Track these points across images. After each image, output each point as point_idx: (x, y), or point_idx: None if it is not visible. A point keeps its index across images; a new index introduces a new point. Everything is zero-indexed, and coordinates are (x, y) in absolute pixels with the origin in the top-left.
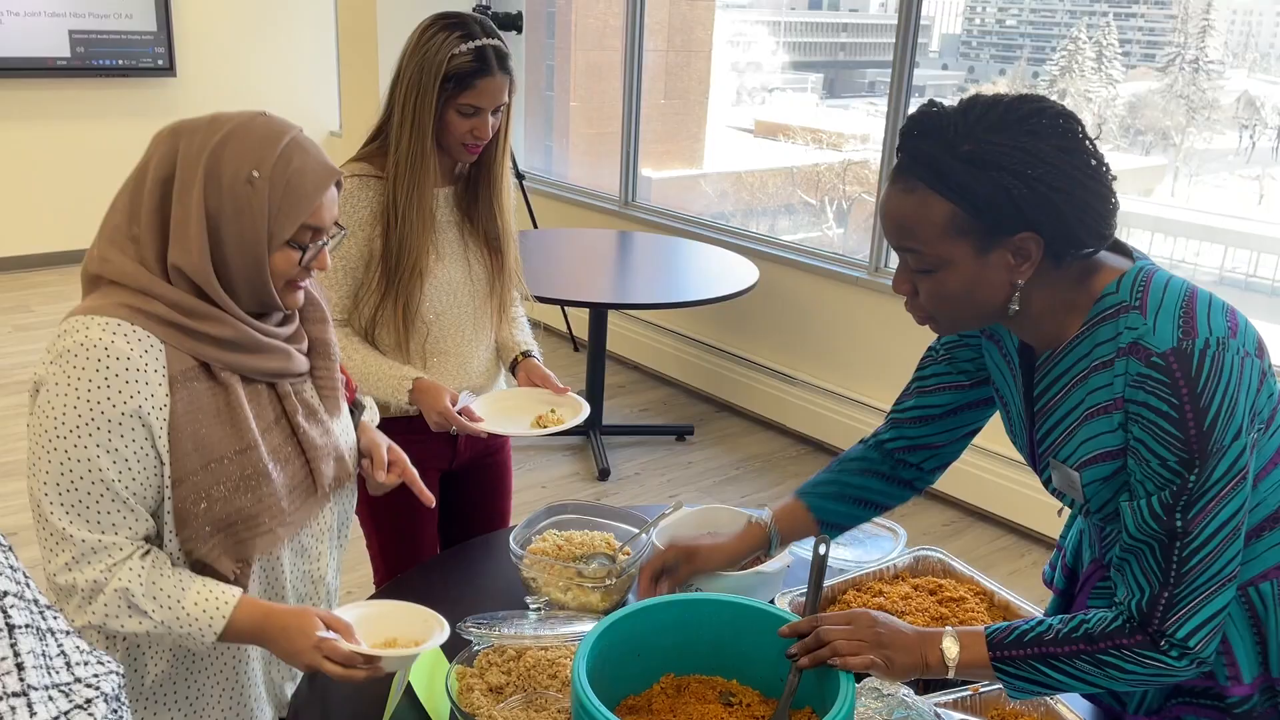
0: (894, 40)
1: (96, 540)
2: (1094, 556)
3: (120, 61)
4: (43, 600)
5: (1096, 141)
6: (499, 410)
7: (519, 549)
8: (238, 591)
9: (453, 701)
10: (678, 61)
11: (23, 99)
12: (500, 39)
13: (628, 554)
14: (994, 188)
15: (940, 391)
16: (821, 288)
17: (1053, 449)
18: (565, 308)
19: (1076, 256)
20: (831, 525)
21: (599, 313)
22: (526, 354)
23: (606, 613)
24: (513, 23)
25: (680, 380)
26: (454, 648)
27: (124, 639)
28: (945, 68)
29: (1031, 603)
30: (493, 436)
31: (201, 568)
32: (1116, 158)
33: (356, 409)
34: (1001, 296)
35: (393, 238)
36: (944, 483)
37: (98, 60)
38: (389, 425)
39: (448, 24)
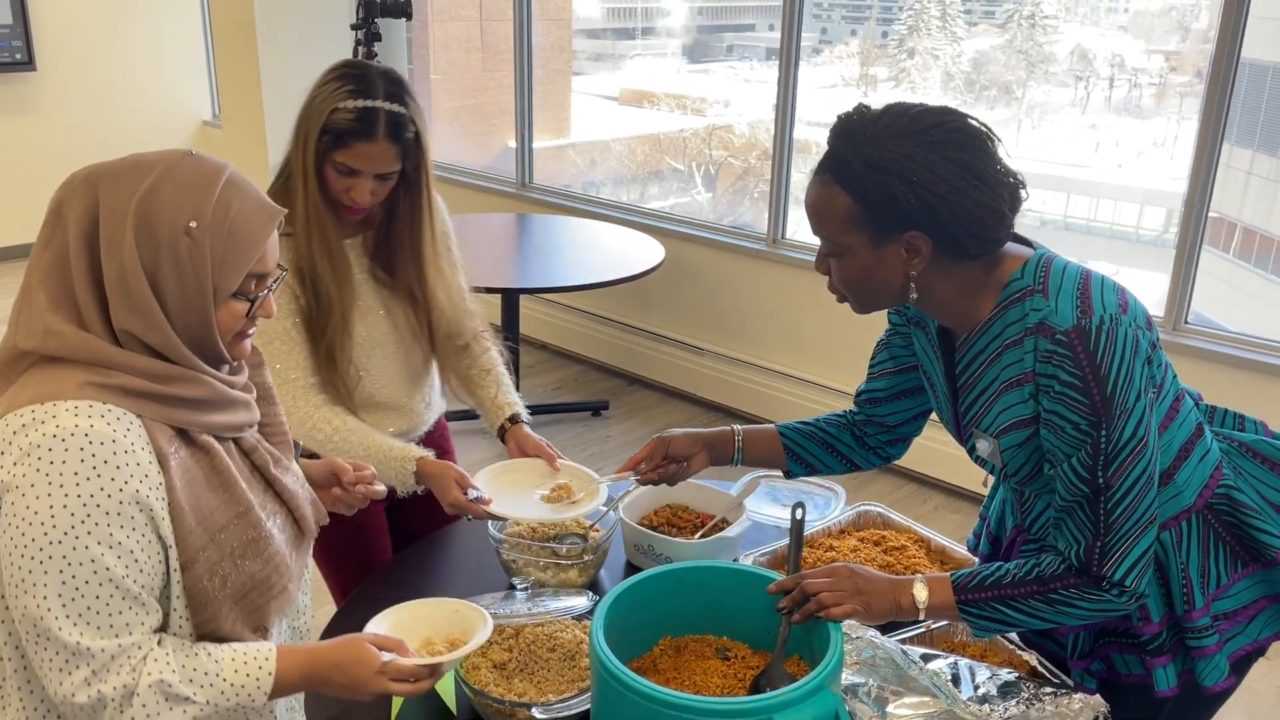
0: (759, 3)
1: (116, 646)
2: (1016, 522)
3: None
4: None
5: (1001, 148)
6: (502, 486)
7: (497, 534)
8: (270, 644)
9: (463, 681)
10: (539, 29)
11: None
12: (406, 104)
13: (598, 531)
14: (884, 190)
15: (881, 377)
16: (722, 261)
17: (975, 420)
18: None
19: (972, 256)
20: (798, 459)
21: (510, 297)
22: (514, 419)
23: (586, 586)
24: (400, 9)
25: (590, 357)
26: None
27: None
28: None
29: (962, 545)
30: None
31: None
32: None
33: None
34: (897, 284)
35: (308, 290)
36: None
37: None
38: None
39: (346, 74)
